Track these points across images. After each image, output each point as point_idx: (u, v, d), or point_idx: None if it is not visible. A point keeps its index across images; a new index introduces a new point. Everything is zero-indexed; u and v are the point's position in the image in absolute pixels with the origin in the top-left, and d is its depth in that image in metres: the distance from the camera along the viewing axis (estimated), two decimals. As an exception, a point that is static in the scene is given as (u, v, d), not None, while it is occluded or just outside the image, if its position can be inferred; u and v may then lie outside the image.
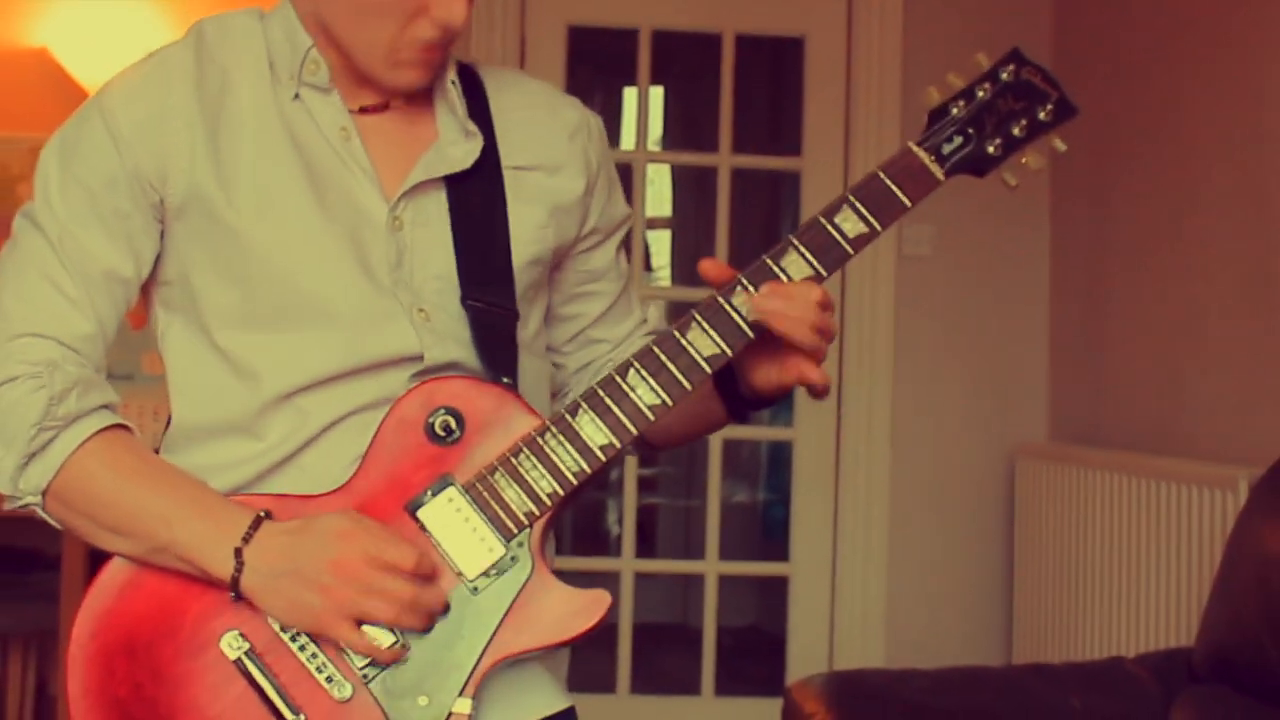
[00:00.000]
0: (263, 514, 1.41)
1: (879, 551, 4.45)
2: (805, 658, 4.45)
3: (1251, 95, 3.33)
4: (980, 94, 1.48)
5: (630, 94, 5.69)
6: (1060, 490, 3.98)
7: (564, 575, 1.45)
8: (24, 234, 1.50)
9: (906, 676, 2.81)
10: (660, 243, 6.84)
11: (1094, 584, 3.76)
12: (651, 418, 1.43)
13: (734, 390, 1.54)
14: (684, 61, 5.54)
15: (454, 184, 1.53)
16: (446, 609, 1.40)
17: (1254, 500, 2.57)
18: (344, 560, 1.36)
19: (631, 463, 4.49)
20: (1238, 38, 3.40)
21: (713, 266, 1.46)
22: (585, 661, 1.65)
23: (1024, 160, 1.50)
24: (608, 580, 4.62)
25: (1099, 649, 3.69)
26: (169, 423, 1.55)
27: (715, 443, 4.61)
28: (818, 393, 1.47)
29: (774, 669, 4.57)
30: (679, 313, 1.47)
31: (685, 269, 6.59)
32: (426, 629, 1.39)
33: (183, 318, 1.53)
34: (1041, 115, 1.49)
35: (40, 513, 1.46)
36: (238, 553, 1.39)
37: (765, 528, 6.43)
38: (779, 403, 1.57)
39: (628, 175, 4.66)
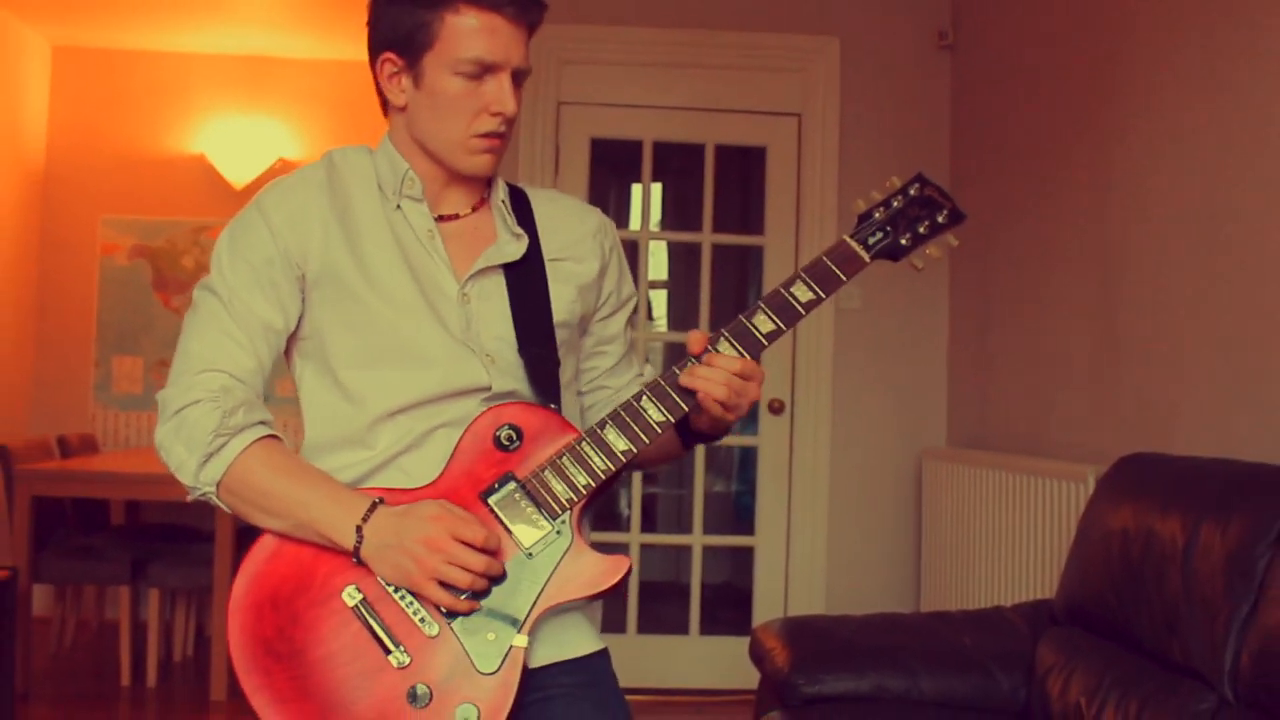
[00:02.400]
0: (378, 500, 1.43)
1: (821, 528, 4.45)
2: (766, 606, 4.46)
3: (1098, 190, 3.36)
4: (895, 204, 1.51)
5: (637, 189, 5.69)
6: (956, 483, 3.98)
7: (592, 546, 1.46)
8: (203, 300, 1.53)
9: (841, 620, 2.80)
10: (659, 299, 6.84)
11: (981, 552, 3.76)
12: (659, 431, 1.45)
13: (687, 429, 1.57)
14: (677, 164, 5.54)
15: (510, 271, 1.57)
16: (505, 576, 1.42)
17: (1099, 490, 2.58)
18: (433, 537, 1.38)
19: (638, 462, 4.48)
20: (1087, 147, 3.43)
21: (697, 340, 1.47)
22: (604, 610, 1.67)
23: (928, 251, 1.53)
24: (620, 550, 4.63)
25: (984, 600, 3.68)
26: (303, 439, 1.58)
27: (700, 448, 4.59)
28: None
29: (743, 615, 4.55)
30: (672, 351, 1.50)
31: (677, 318, 6.59)
32: (488, 592, 1.41)
33: (314, 363, 1.55)
34: (939, 219, 1.52)
35: (214, 500, 1.47)
36: (358, 529, 1.41)
37: (737, 510, 6.41)
38: (718, 439, 1.59)
39: (634, 249, 4.68)
